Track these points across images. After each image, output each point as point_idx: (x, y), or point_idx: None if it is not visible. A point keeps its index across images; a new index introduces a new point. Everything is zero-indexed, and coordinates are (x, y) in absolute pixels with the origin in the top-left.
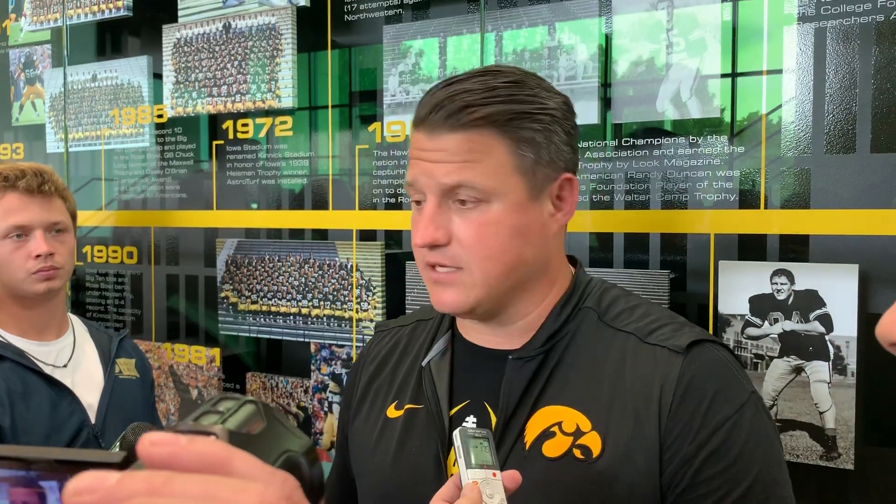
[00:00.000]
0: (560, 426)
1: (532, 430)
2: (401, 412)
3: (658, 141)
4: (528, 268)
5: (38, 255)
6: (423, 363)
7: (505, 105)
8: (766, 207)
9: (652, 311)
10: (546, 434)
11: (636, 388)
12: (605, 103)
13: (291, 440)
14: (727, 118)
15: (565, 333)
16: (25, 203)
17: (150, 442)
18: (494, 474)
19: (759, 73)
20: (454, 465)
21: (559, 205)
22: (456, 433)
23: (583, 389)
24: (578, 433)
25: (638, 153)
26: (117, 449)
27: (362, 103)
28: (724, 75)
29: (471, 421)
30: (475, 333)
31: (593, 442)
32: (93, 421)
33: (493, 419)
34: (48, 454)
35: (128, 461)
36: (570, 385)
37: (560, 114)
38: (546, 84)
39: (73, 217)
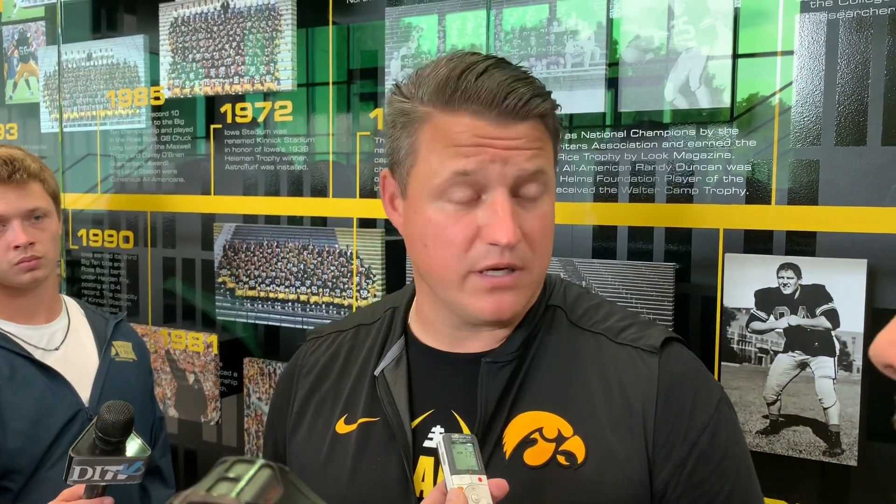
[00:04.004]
0: (541, 432)
1: (511, 438)
2: (353, 426)
3: (665, 132)
4: None
5: (17, 246)
6: (377, 372)
7: (550, 100)
8: (776, 202)
9: (614, 310)
10: (527, 441)
11: (614, 390)
12: (612, 92)
13: None
14: (735, 108)
15: (537, 334)
16: None
17: None
18: (480, 479)
19: (772, 61)
20: (422, 480)
21: None
22: (440, 439)
23: (560, 393)
24: (561, 439)
25: (645, 145)
26: (94, 431)
27: (363, 80)
28: (733, 58)
29: (438, 431)
30: (438, 337)
31: (577, 447)
32: (86, 404)
33: (464, 428)
34: None
35: None
36: (546, 389)
37: None
38: None
39: (55, 198)
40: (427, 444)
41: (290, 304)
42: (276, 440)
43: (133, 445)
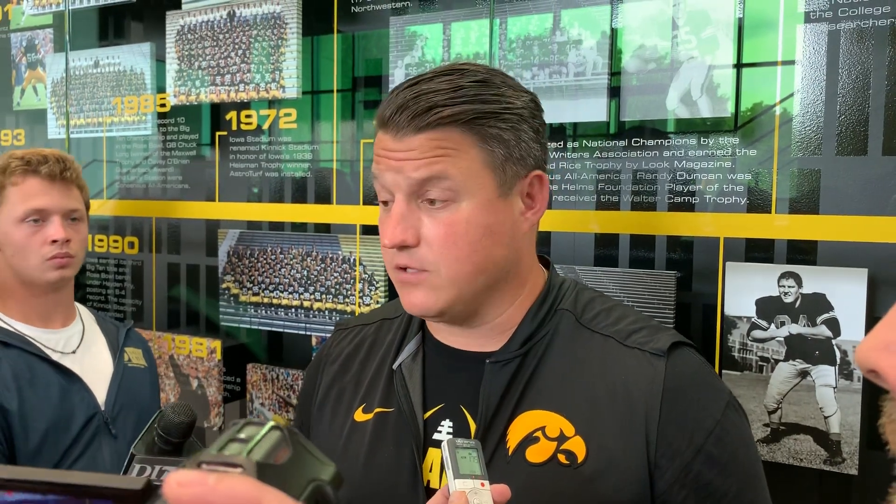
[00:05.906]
0: (543, 431)
1: (514, 436)
2: (370, 415)
3: (667, 141)
4: (498, 268)
5: (54, 241)
6: (395, 366)
7: (470, 105)
8: (777, 211)
9: (627, 313)
10: (529, 439)
11: (619, 392)
12: (615, 101)
13: (318, 467)
14: (738, 117)
15: (543, 335)
16: (46, 188)
17: (178, 482)
18: (483, 484)
19: (773, 71)
20: (429, 470)
21: (529, 203)
22: (444, 443)
23: (564, 393)
24: (562, 438)
25: (647, 153)
26: (155, 430)
27: (367, 88)
28: (735, 68)
29: (447, 425)
30: (447, 335)
31: (577, 447)
32: (102, 408)
33: (471, 423)
34: (67, 478)
35: (149, 487)
36: (551, 389)
37: (527, 112)
38: (512, 82)
39: (87, 207)
40: (436, 436)
41: (293, 310)
42: (301, 426)
43: (191, 448)
